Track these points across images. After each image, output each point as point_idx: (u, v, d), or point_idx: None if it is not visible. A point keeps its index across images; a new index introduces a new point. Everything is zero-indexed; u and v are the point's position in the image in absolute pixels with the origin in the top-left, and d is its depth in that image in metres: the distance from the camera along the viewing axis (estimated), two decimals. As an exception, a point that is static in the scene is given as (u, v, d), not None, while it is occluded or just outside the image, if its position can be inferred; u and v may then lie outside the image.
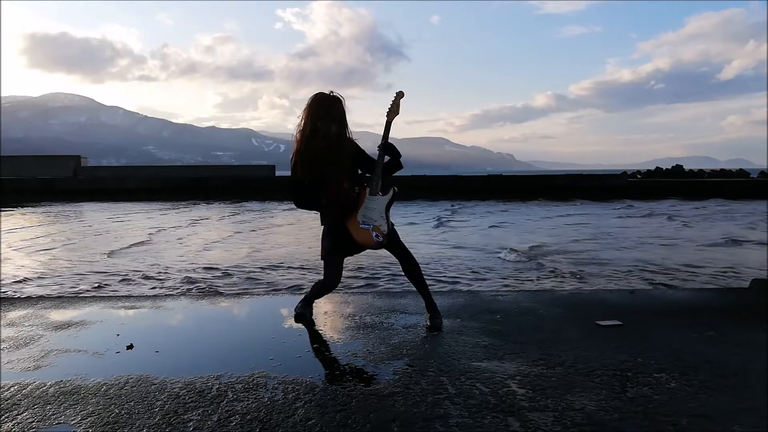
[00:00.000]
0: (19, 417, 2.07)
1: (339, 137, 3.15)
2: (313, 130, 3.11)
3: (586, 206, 23.61)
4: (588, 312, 3.56)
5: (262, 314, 3.85)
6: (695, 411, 2.10)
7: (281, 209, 21.87)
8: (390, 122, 3.22)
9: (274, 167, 38.62)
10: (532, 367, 2.57)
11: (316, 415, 2.08)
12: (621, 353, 2.76)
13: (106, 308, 3.84)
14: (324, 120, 3.11)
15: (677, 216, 18.55)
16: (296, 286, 6.85)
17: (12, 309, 3.78)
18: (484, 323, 3.32)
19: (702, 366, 2.58)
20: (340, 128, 3.15)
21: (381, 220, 3.17)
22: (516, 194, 28.59)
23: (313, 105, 3.14)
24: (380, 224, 3.17)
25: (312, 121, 3.12)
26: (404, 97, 3.28)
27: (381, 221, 3.17)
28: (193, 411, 2.12)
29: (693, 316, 3.46)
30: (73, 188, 30.36)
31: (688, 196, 27.90)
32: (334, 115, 3.13)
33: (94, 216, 19.11)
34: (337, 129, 3.13)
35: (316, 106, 3.13)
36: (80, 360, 2.75)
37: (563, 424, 1.99)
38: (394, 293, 4.79)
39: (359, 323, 3.36)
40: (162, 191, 29.63)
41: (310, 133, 3.12)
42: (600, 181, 31.52)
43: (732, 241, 11.79)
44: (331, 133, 3.12)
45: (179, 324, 3.52)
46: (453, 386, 2.34)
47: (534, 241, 11.67)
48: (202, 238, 12.49)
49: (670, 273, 7.99)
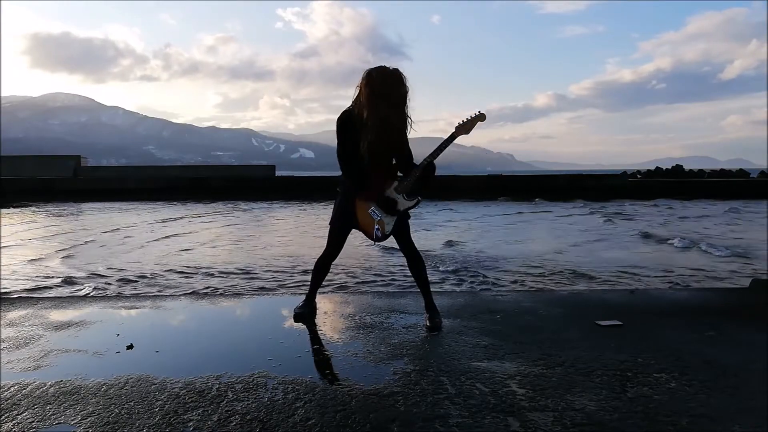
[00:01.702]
0: (19, 417, 2.07)
1: (404, 122, 3.08)
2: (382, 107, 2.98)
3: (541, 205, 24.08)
4: (588, 312, 3.56)
5: (262, 314, 3.84)
6: (695, 411, 2.10)
7: (269, 212, 21.87)
8: (456, 136, 3.15)
9: (274, 167, 38.63)
10: (532, 367, 2.57)
11: (316, 415, 2.08)
12: (621, 353, 2.75)
13: (106, 308, 3.84)
14: (394, 99, 2.99)
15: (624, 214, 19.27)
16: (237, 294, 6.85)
17: (12, 309, 3.78)
18: (484, 323, 3.32)
19: (702, 366, 2.58)
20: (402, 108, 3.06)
21: (389, 220, 3.17)
22: (515, 194, 28.58)
23: (382, 81, 2.99)
24: (387, 222, 3.17)
25: (381, 98, 2.97)
26: (485, 121, 3.18)
27: (389, 220, 3.17)
28: (193, 411, 2.12)
29: (693, 316, 3.46)
30: (73, 188, 30.35)
31: (686, 197, 27.92)
32: (393, 98, 3.01)
33: (86, 216, 19.13)
34: (403, 112, 3.05)
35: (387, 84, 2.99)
36: (80, 360, 2.75)
37: (563, 424, 1.99)
38: (394, 293, 4.79)
39: (359, 323, 3.36)
40: (162, 191, 29.60)
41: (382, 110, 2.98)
42: (599, 181, 31.51)
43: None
44: (399, 118, 3.03)
45: (179, 324, 3.52)
46: (453, 386, 2.34)
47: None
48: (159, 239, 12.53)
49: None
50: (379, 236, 3.18)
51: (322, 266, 3.42)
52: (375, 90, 2.98)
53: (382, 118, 2.98)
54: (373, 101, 2.99)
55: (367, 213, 3.17)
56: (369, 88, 3.00)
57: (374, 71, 3.03)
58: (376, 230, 3.16)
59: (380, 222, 3.16)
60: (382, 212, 3.16)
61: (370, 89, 2.99)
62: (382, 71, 3.02)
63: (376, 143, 3.04)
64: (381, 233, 3.17)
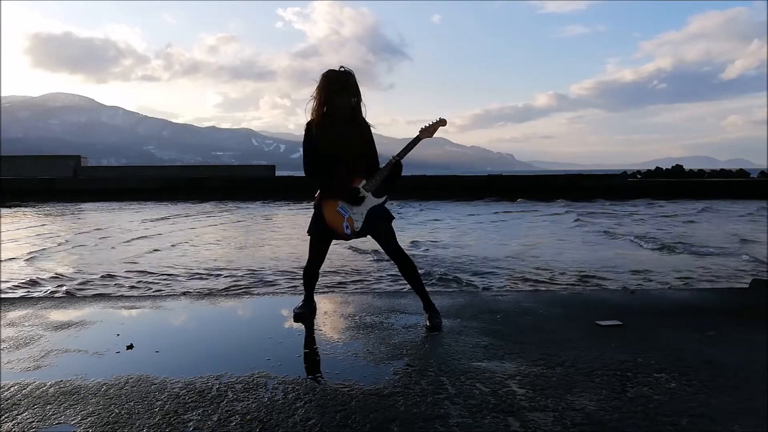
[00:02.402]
0: (19, 417, 2.07)
1: (357, 112, 3.16)
2: (331, 105, 3.11)
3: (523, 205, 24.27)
4: (588, 312, 3.56)
5: (262, 314, 3.84)
6: (695, 411, 2.10)
7: (259, 213, 21.87)
8: (419, 139, 3.25)
9: (274, 167, 38.64)
10: (532, 367, 2.57)
11: (316, 415, 2.08)
12: (621, 353, 2.75)
13: (106, 308, 3.84)
14: (341, 95, 3.09)
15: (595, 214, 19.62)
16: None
17: (12, 309, 3.78)
18: (484, 323, 3.32)
19: (702, 366, 2.58)
20: (357, 103, 3.16)
21: (358, 217, 3.20)
22: (515, 194, 28.61)
23: (328, 81, 3.11)
24: (356, 219, 3.20)
25: (329, 96, 3.10)
26: (446, 126, 3.32)
27: (358, 218, 3.20)
28: (193, 411, 2.12)
29: (693, 316, 3.46)
30: (73, 188, 30.36)
31: (685, 197, 27.94)
32: (350, 90, 3.12)
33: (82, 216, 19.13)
34: (355, 103, 3.14)
35: (332, 82, 3.10)
36: (80, 360, 2.75)
37: (563, 424, 1.99)
38: (394, 293, 4.80)
39: (359, 323, 3.36)
40: (162, 191, 29.61)
41: (329, 108, 3.12)
42: (599, 181, 31.51)
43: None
44: (350, 107, 3.13)
45: (179, 324, 3.52)
46: (453, 386, 2.34)
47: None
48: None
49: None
50: (349, 233, 3.20)
51: (310, 273, 3.44)
52: (323, 85, 3.13)
53: (332, 104, 3.10)
54: (322, 94, 3.12)
55: (336, 211, 3.19)
56: (329, 84, 3.12)
57: (330, 71, 3.15)
58: (345, 227, 3.18)
59: (349, 219, 3.18)
60: (350, 208, 3.18)
61: (330, 85, 3.11)
62: (335, 71, 3.15)
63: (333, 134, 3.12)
64: (350, 230, 3.18)
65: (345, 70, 3.14)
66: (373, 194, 3.22)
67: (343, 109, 3.13)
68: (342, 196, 3.19)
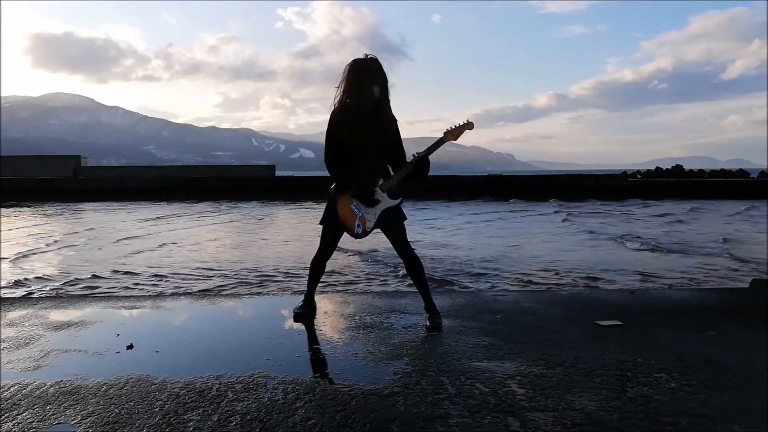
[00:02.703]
0: (19, 417, 2.07)
1: (382, 104, 3.10)
2: (354, 95, 3.06)
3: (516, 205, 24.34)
4: (588, 312, 3.56)
5: (262, 314, 3.84)
6: (695, 411, 2.10)
7: (252, 212, 21.86)
8: (444, 141, 3.22)
9: (274, 167, 38.63)
10: (532, 367, 2.57)
11: (316, 415, 2.08)
12: (621, 353, 2.75)
13: (106, 308, 3.84)
14: (363, 85, 3.04)
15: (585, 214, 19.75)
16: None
17: (12, 309, 3.78)
18: (484, 323, 3.32)
19: (702, 366, 2.58)
20: (382, 93, 3.09)
21: (371, 217, 3.19)
22: (514, 194, 28.60)
23: (353, 70, 3.06)
24: (368, 219, 3.18)
25: (352, 86, 3.05)
26: (472, 129, 3.26)
27: (371, 218, 3.19)
28: (193, 411, 2.12)
29: (693, 316, 3.46)
30: (73, 188, 30.35)
31: (686, 197, 27.94)
32: (374, 78, 3.06)
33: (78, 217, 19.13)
34: (378, 93, 3.07)
35: (355, 71, 3.06)
36: (80, 360, 2.75)
37: (563, 424, 1.99)
38: (394, 293, 4.80)
39: (359, 323, 3.36)
40: (162, 191, 29.60)
41: (351, 99, 3.07)
42: (599, 181, 31.51)
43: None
44: (373, 98, 3.06)
45: (179, 324, 3.52)
46: (453, 386, 2.34)
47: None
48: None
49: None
50: (360, 232, 3.19)
51: (317, 265, 3.43)
52: (348, 75, 3.08)
53: (356, 94, 3.06)
54: (345, 83, 3.08)
55: (349, 209, 3.18)
56: (352, 73, 3.07)
57: (354, 60, 3.11)
58: (357, 226, 3.17)
59: (362, 218, 3.17)
60: (364, 207, 3.17)
61: (353, 73, 3.07)
62: (360, 59, 3.10)
63: (354, 125, 3.08)
64: (362, 229, 3.18)
65: (369, 57, 3.08)
66: (390, 194, 3.19)
67: (366, 99, 3.06)
68: (357, 195, 3.17)
